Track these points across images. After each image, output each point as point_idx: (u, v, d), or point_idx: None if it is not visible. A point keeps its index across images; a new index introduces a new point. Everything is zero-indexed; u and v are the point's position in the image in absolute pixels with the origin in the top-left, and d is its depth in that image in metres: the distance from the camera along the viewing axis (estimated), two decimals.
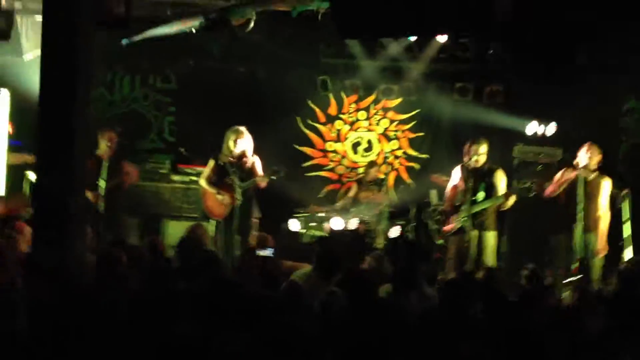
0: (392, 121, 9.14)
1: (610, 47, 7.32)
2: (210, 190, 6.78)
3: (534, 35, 5.04)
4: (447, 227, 6.27)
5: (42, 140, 3.47)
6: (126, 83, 9.13)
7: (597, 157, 5.92)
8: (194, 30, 6.51)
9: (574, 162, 5.96)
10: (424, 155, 9.01)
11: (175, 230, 7.65)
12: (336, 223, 7.69)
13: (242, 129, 6.81)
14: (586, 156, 5.89)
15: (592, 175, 5.93)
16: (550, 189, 6.08)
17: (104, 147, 7.05)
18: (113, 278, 3.76)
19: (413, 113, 9.05)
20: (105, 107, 8.96)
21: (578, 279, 5.39)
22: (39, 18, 4.83)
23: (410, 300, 3.97)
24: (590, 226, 5.80)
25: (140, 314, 3.33)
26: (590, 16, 4.64)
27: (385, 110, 9.13)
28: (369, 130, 9.18)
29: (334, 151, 9.22)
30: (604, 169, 6.05)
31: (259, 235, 6.11)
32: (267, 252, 5.48)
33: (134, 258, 4.42)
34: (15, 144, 7.85)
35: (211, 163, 6.86)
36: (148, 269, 4.29)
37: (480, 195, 5.98)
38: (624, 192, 6.07)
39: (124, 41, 7.12)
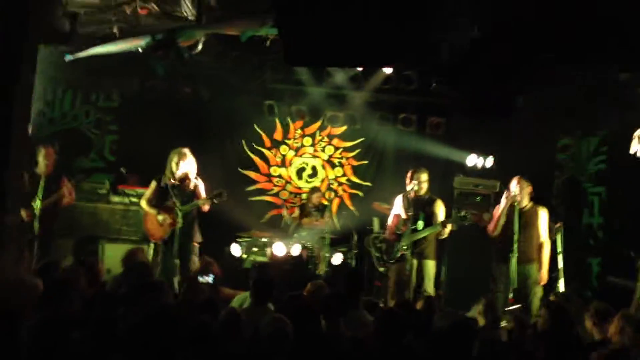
0: (337, 148, 9.22)
1: (546, 90, 7.64)
2: (151, 211, 6.66)
3: (475, 81, 5.18)
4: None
5: None
6: (67, 99, 8.90)
7: (527, 189, 6.11)
8: (140, 50, 6.41)
9: (505, 194, 6.12)
10: (367, 183, 9.11)
11: (113, 253, 7.41)
12: (278, 248, 7.65)
13: (186, 150, 6.74)
14: (517, 188, 6.08)
15: (527, 205, 6.11)
16: (490, 228, 6.23)
17: (41, 164, 6.84)
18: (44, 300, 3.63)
19: (358, 141, 9.16)
20: (45, 124, 8.69)
21: (516, 308, 5.50)
22: None
23: (341, 327, 3.96)
24: (528, 256, 5.95)
25: (74, 340, 3.22)
26: (533, 66, 4.82)
27: (331, 137, 9.22)
28: (314, 156, 9.24)
29: (279, 176, 9.22)
30: (538, 201, 6.24)
31: (204, 260, 6.00)
32: (209, 279, 5.39)
33: (68, 281, 4.30)
34: None
35: (153, 184, 6.76)
36: (83, 292, 4.17)
37: (420, 224, 6.07)
38: (557, 225, 6.29)
39: (67, 57, 6.96)
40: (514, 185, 6.13)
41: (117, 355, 3.14)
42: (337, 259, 7.61)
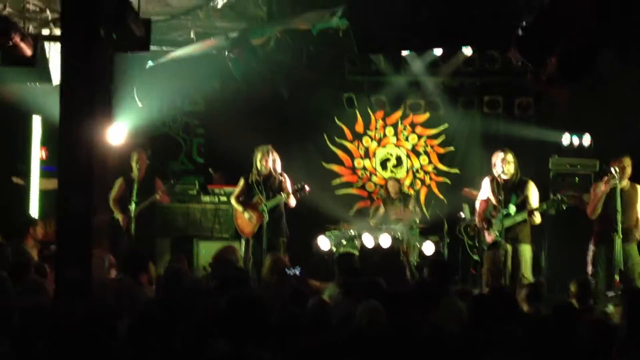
0: (420, 136, 9.03)
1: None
2: (239, 208, 6.80)
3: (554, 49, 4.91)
4: (488, 238, 6.05)
5: (61, 163, 3.48)
6: (155, 106, 9.21)
7: (628, 168, 5.73)
8: (215, 52, 6.52)
9: (606, 177, 5.77)
10: (455, 170, 8.86)
11: (207, 251, 7.63)
12: (367, 240, 7.59)
13: (269, 147, 6.83)
14: (619, 167, 5.69)
15: (626, 185, 5.73)
16: (590, 210, 5.89)
17: (135, 169, 7.11)
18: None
19: (442, 128, 8.93)
20: (137, 131, 9.03)
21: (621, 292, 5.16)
22: None
23: (432, 317, 3.83)
24: (630, 236, 5.60)
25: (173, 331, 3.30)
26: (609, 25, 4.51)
27: (414, 125, 9.04)
28: (398, 146, 9.09)
29: (363, 168, 9.14)
30: (636, 179, 5.85)
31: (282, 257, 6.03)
32: (296, 272, 5.40)
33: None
34: (47, 169, 8.00)
35: (241, 182, 6.90)
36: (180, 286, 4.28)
37: (512, 208, 5.79)
38: None
39: (149, 64, 7.19)
40: (614, 166, 5.74)
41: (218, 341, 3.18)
42: (428, 248, 7.45)
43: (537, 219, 5.83)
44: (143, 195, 7.05)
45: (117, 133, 7.52)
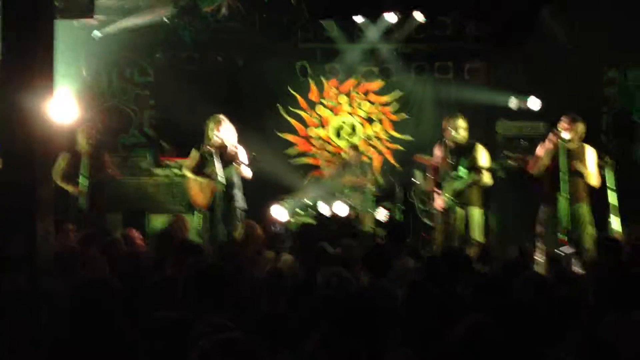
0: (373, 104, 9.06)
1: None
2: (193, 177, 6.71)
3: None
4: (437, 204, 6.15)
5: (3, 132, 3.38)
6: (104, 78, 8.99)
7: (580, 129, 5.81)
8: (165, 20, 6.37)
9: (550, 135, 5.84)
10: (408, 137, 8.94)
11: (159, 224, 7.56)
12: (323, 209, 7.63)
13: (222, 117, 6.71)
14: (568, 126, 5.77)
15: (575, 145, 5.82)
16: (530, 166, 5.97)
17: (83, 143, 6.95)
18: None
19: (395, 95, 8.98)
20: (84, 104, 8.81)
21: (570, 251, 5.30)
22: None
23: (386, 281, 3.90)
24: (577, 196, 5.70)
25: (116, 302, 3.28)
26: None
27: (367, 93, 9.06)
28: (352, 114, 9.11)
29: (318, 137, 9.14)
30: (586, 139, 5.97)
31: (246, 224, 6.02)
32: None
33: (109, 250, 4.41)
34: None
35: (193, 153, 6.79)
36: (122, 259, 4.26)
37: (463, 171, 5.89)
38: (607, 160, 5.97)
39: (95, 33, 6.99)
40: (565, 124, 5.80)
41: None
42: (381, 214, 7.54)
43: (487, 178, 5.92)
44: (92, 171, 6.91)
45: (63, 106, 7.31)
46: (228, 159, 6.60)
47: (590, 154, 5.83)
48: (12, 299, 3.22)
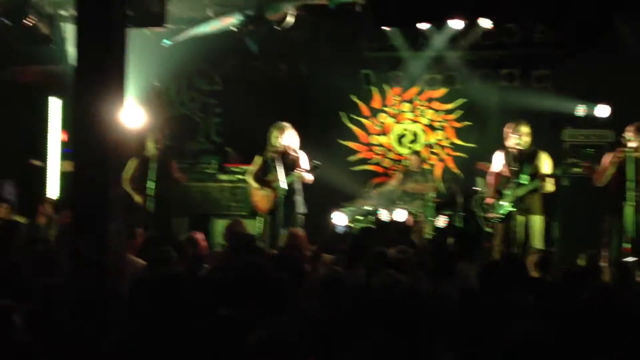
0: (437, 111, 9.01)
1: None
2: (254, 185, 6.88)
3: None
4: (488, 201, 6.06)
5: (76, 137, 3.58)
6: (173, 86, 9.33)
7: None
8: (232, 28, 6.57)
9: (622, 142, 5.69)
10: (471, 145, 8.85)
11: (224, 228, 7.74)
12: (384, 215, 7.65)
13: (285, 124, 6.86)
14: (633, 136, 5.62)
15: None
16: (596, 176, 5.84)
17: (151, 148, 7.23)
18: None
19: (458, 102, 8.90)
20: (154, 111, 9.15)
21: (634, 260, 5.15)
22: None
23: (447, 286, 3.89)
24: None
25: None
26: None
27: (430, 100, 9.02)
28: (414, 121, 9.09)
29: (380, 144, 9.16)
30: None
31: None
32: None
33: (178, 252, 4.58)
34: (69, 152, 8.18)
35: (257, 159, 6.97)
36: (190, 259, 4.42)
37: (525, 178, 5.80)
38: None
39: (165, 42, 7.27)
40: (632, 133, 5.67)
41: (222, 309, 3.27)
42: (441, 222, 7.49)
43: (550, 186, 5.82)
44: (160, 175, 7.17)
45: (134, 113, 7.65)
46: (290, 165, 6.73)
47: None
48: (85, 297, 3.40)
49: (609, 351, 2.99)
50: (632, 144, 5.55)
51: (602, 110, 7.42)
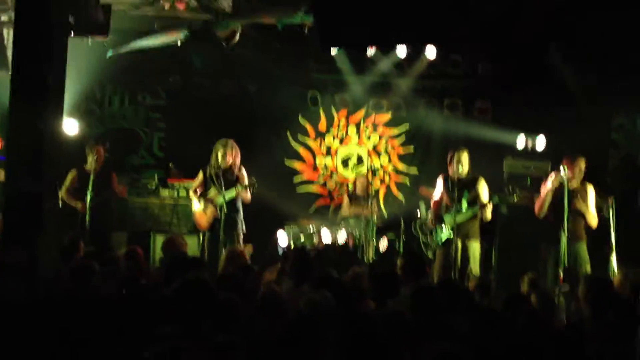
0: (382, 136, 9.13)
1: (598, 68, 7.42)
2: (195, 200, 6.79)
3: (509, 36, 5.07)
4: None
5: (10, 146, 3.45)
6: (115, 100, 9.14)
7: (579, 168, 5.87)
8: (179, 43, 6.51)
9: (552, 174, 5.91)
10: (413, 170, 8.99)
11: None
12: (325, 236, 7.65)
13: (230, 141, 6.83)
14: (566, 169, 5.83)
15: (577, 185, 5.87)
16: (536, 208, 6.04)
17: (91, 161, 7.07)
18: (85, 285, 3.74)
19: (403, 128, 9.05)
20: (96, 123, 8.95)
21: (566, 289, 5.31)
22: None
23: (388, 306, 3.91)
24: (577, 235, 5.73)
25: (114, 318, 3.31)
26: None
27: (376, 125, 9.14)
28: (359, 145, 9.17)
29: (325, 166, 9.19)
30: (590, 180, 6.00)
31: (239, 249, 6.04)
32: None
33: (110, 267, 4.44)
34: (2, 159, 7.87)
35: (200, 175, 6.90)
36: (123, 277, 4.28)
37: (464, 204, 5.92)
38: (610, 200, 6.04)
39: (110, 52, 7.14)
40: (564, 166, 5.89)
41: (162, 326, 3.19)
42: (383, 245, 7.54)
43: (488, 214, 5.96)
44: (98, 189, 7.01)
45: (72, 123, 7.45)
46: (232, 183, 6.67)
47: (592, 194, 5.86)
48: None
49: None
50: (565, 174, 5.74)
51: (541, 142, 7.67)
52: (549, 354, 3.33)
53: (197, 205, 6.72)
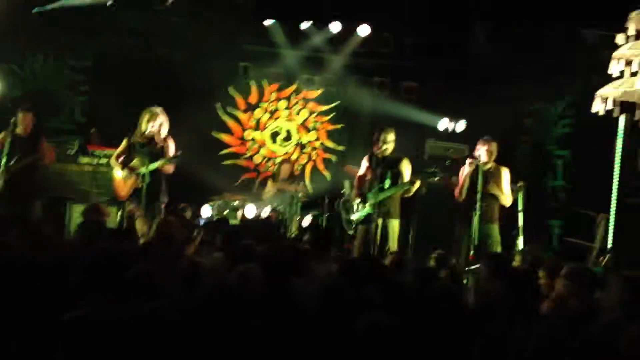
0: (312, 112, 9.19)
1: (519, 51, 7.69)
2: (116, 167, 6.59)
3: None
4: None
5: None
6: (39, 58, 8.74)
7: (492, 149, 6.12)
8: (108, 3, 6.28)
9: (469, 159, 6.15)
10: (341, 147, 9.10)
11: (79, 214, 7.36)
12: (250, 211, 7.66)
13: (157, 109, 6.61)
14: (481, 151, 6.08)
15: (490, 166, 6.12)
16: (457, 192, 6.26)
17: (18, 124, 6.76)
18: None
19: (333, 105, 9.13)
20: (17, 83, 8.54)
21: (476, 267, 5.54)
22: None
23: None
24: (489, 216, 5.99)
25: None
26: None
27: (306, 100, 9.18)
28: (289, 120, 9.19)
29: (253, 139, 9.17)
30: (502, 163, 6.27)
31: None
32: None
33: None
34: None
35: (124, 142, 6.67)
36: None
37: (387, 183, 6.05)
38: (519, 184, 6.39)
39: (36, 9, 6.82)
40: (479, 148, 6.14)
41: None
42: (306, 221, 7.63)
43: (413, 189, 6.12)
44: (25, 153, 6.72)
45: None
46: (157, 153, 6.52)
47: (506, 176, 6.14)
48: None
49: (449, 346, 3.21)
50: (480, 157, 5.99)
51: (461, 125, 7.94)
52: (457, 326, 3.49)
53: (119, 173, 6.53)
